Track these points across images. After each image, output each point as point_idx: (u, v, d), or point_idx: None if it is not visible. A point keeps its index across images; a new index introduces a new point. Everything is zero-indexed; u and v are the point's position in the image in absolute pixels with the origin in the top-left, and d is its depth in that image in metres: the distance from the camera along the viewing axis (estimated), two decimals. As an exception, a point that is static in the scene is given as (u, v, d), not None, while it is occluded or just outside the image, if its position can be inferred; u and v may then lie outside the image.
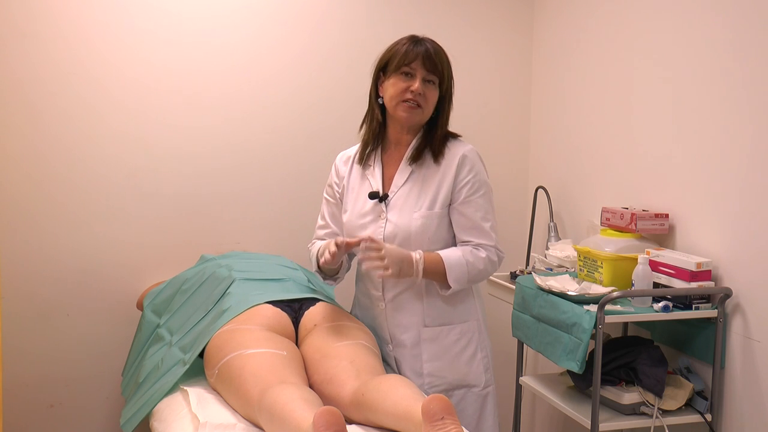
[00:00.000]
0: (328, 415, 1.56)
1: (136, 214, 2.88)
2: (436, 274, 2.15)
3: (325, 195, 2.37)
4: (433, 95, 2.17)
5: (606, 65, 2.82)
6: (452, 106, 2.24)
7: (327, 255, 2.10)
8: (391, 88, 2.16)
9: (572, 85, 3.04)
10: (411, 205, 2.19)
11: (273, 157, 3.02)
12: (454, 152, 2.21)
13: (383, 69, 2.20)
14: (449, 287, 2.17)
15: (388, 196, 2.21)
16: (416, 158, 2.20)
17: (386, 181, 2.25)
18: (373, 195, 2.21)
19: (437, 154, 2.20)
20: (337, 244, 2.09)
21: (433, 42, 2.19)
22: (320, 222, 2.38)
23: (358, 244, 2.09)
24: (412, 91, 2.13)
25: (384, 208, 2.20)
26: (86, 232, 2.83)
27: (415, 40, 2.17)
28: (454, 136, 2.26)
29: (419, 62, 2.13)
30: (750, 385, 2.19)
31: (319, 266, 2.27)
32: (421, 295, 2.21)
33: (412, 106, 2.15)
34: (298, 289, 2.34)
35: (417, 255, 2.11)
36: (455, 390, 2.23)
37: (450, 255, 2.16)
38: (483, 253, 2.18)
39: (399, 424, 1.72)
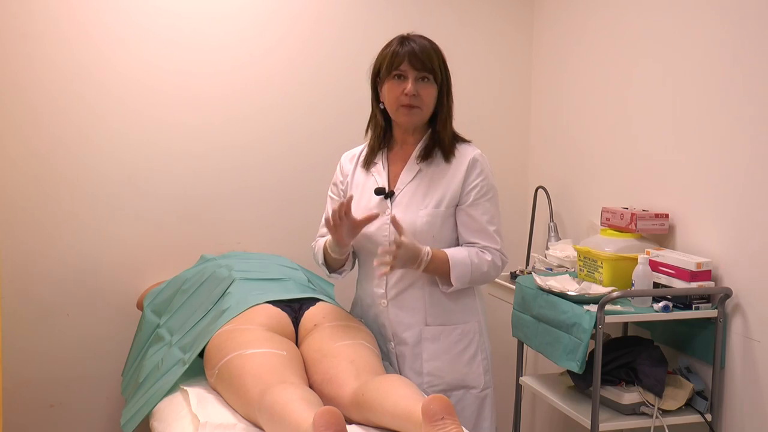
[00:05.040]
0: (328, 416, 1.56)
1: (136, 214, 2.88)
2: (440, 270, 2.15)
3: (330, 193, 2.37)
4: (429, 92, 2.16)
5: (606, 65, 2.82)
6: (453, 101, 2.23)
7: (330, 213, 2.07)
8: (387, 94, 2.17)
9: (572, 85, 3.04)
10: (417, 202, 2.19)
11: (273, 156, 3.02)
12: (464, 154, 2.21)
13: (378, 74, 2.21)
14: (450, 285, 2.17)
15: (394, 192, 2.22)
16: (425, 157, 2.21)
17: (392, 178, 2.25)
18: (379, 191, 2.21)
19: (448, 154, 2.20)
20: (339, 209, 2.04)
21: (421, 39, 2.17)
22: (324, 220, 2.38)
23: (369, 220, 2.08)
24: (405, 94, 2.13)
25: (389, 205, 2.21)
26: (86, 231, 2.83)
27: (402, 41, 2.16)
28: (464, 140, 2.27)
29: (407, 63, 2.12)
30: (750, 385, 2.19)
31: (325, 259, 2.26)
32: (424, 294, 2.21)
33: (409, 109, 2.15)
34: (298, 289, 2.34)
35: (426, 255, 2.11)
36: (454, 390, 2.23)
37: (455, 254, 2.16)
38: (489, 257, 2.19)
39: (399, 424, 1.72)
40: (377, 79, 2.21)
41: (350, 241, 2.15)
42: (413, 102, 2.14)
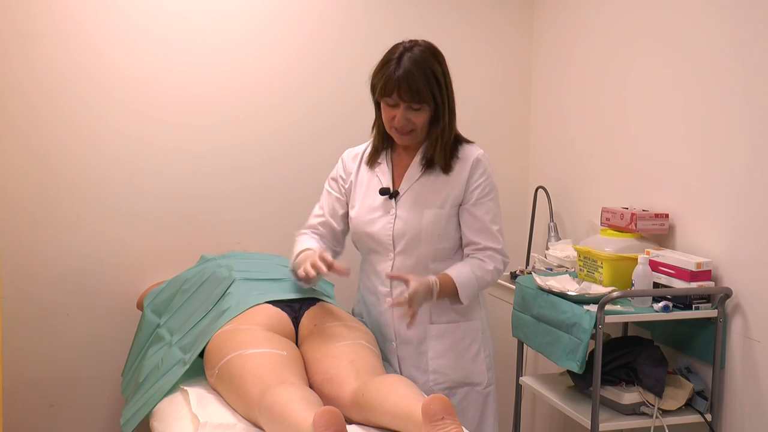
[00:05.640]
0: (328, 416, 1.56)
1: (136, 214, 2.88)
2: (449, 294, 2.18)
3: (327, 187, 2.37)
4: (421, 118, 2.14)
5: (606, 65, 2.82)
6: (454, 114, 2.22)
7: (307, 269, 2.06)
8: (383, 113, 2.18)
9: (572, 85, 3.04)
10: (422, 202, 2.20)
11: (273, 157, 3.02)
12: (467, 154, 2.23)
13: (375, 87, 2.18)
14: (460, 303, 2.21)
15: (398, 192, 2.22)
16: (428, 164, 2.21)
17: (396, 178, 2.26)
18: (384, 191, 2.22)
19: (446, 168, 2.20)
20: (320, 263, 2.05)
21: (415, 63, 2.09)
22: (317, 211, 2.37)
23: (346, 274, 2.08)
24: (397, 122, 2.13)
25: (394, 205, 2.22)
26: (86, 232, 2.83)
27: (399, 60, 2.10)
28: (467, 141, 2.27)
29: (396, 94, 2.09)
30: (750, 385, 2.19)
31: (293, 270, 2.26)
32: None
33: (402, 133, 2.16)
34: (298, 289, 2.33)
35: (435, 285, 2.12)
36: (459, 388, 2.25)
37: (460, 274, 2.18)
38: (490, 266, 2.21)
39: (399, 424, 1.72)
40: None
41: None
42: (405, 128, 2.15)
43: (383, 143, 2.28)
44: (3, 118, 2.72)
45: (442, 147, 2.19)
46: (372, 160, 2.29)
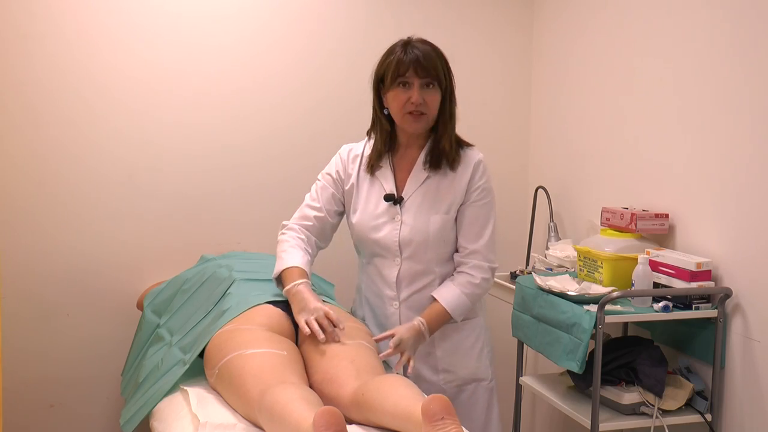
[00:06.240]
0: (329, 416, 1.56)
1: (136, 214, 2.88)
2: (443, 323, 2.22)
3: (323, 182, 2.36)
4: (434, 98, 2.17)
5: (606, 65, 2.82)
6: (456, 105, 2.25)
7: (311, 324, 2.04)
8: (393, 101, 2.18)
9: (572, 86, 3.04)
10: (427, 208, 2.21)
11: (273, 156, 3.02)
12: (469, 158, 2.25)
13: (381, 81, 2.21)
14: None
15: (402, 198, 2.22)
16: (432, 164, 2.22)
17: (398, 183, 2.26)
18: (388, 197, 2.22)
19: (452, 163, 2.22)
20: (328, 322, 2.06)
21: (424, 43, 2.18)
22: (313, 203, 2.35)
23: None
24: (412, 102, 2.14)
25: (399, 211, 2.22)
26: (86, 232, 2.83)
27: (405, 47, 2.16)
28: (468, 144, 2.29)
29: (412, 71, 2.13)
30: (750, 385, 2.19)
31: (281, 276, 2.24)
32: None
33: (416, 116, 2.17)
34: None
35: (423, 326, 2.15)
36: (467, 385, 2.28)
37: (451, 300, 2.20)
38: (478, 279, 2.23)
39: (399, 424, 1.72)
40: (380, 85, 2.21)
41: None
42: (420, 109, 2.15)
43: (386, 146, 2.28)
44: (3, 118, 2.72)
45: (448, 136, 2.21)
46: (374, 166, 2.29)
